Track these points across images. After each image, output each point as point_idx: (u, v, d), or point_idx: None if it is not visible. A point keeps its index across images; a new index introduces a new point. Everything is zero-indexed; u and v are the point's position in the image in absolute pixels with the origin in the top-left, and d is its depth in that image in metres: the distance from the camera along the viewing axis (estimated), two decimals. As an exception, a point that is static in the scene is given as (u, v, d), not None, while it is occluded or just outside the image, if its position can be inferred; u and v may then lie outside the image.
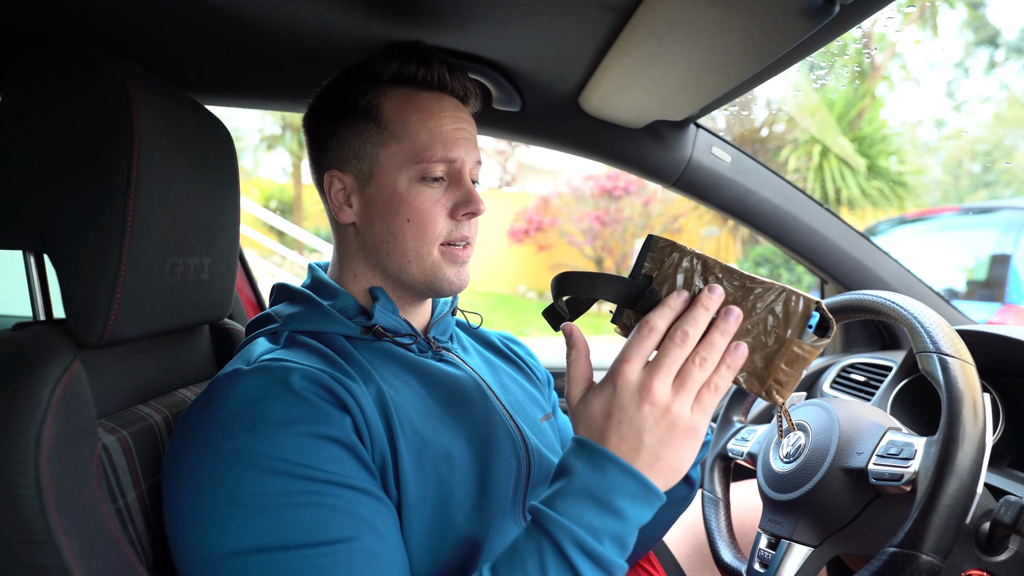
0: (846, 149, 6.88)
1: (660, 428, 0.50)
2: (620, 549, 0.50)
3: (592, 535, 0.49)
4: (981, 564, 0.67)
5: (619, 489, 0.49)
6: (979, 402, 0.62)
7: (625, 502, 0.49)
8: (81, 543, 0.48)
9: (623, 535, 0.50)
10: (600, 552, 0.49)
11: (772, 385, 0.53)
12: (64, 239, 0.56)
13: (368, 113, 0.68)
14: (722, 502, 0.91)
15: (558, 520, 0.49)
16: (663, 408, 0.50)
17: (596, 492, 0.50)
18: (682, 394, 0.51)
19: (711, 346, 0.52)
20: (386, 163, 0.68)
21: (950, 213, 4.19)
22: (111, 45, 0.79)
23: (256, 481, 0.51)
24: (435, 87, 0.70)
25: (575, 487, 0.50)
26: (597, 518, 0.49)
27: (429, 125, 0.67)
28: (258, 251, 6.51)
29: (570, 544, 0.49)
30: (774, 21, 0.63)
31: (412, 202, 0.67)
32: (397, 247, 0.68)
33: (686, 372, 0.51)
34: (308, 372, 0.57)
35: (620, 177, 7.81)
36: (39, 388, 0.48)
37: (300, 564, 0.49)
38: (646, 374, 0.51)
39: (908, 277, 1.25)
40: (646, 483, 0.50)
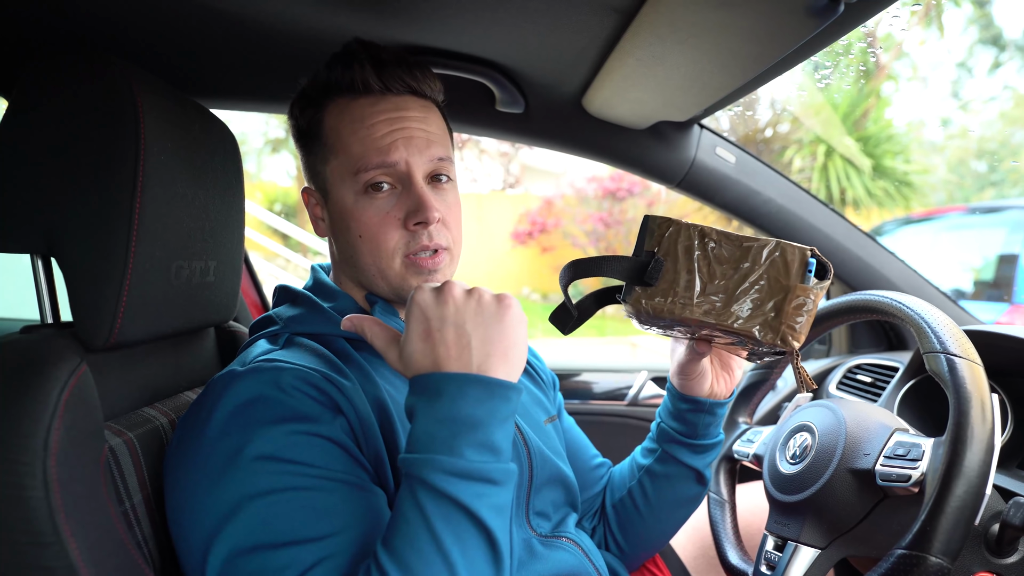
0: (851, 149, 6.84)
1: (476, 316, 0.51)
2: (490, 453, 0.49)
3: (449, 453, 0.48)
4: (990, 566, 0.67)
5: (459, 398, 0.49)
6: (987, 403, 0.61)
7: (471, 407, 0.48)
8: (88, 545, 0.49)
9: (484, 439, 0.49)
10: (465, 465, 0.47)
11: (786, 331, 0.56)
12: (71, 243, 0.56)
13: (313, 131, 0.68)
14: (728, 504, 0.91)
15: (414, 459, 0.49)
16: (462, 295, 0.52)
17: (439, 413, 0.49)
18: (474, 287, 0.52)
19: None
20: (332, 179, 0.68)
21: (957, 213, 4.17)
22: (117, 50, 0.79)
23: (246, 480, 0.51)
24: (366, 91, 0.66)
25: (420, 423, 0.50)
26: (449, 436, 0.48)
27: (360, 134, 0.65)
28: (263, 254, 6.53)
29: (433, 472, 0.47)
30: (778, 20, 0.63)
31: (359, 217, 0.66)
32: (359, 263, 0.68)
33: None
34: (301, 372, 0.57)
35: (624, 178, 7.79)
36: (47, 391, 0.48)
37: (287, 560, 0.49)
38: (436, 288, 0.53)
39: (915, 277, 1.25)
40: (486, 380, 0.49)
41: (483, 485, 0.48)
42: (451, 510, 0.47)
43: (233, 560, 0.50)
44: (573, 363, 1.54)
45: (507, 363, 0.51)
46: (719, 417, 0.82)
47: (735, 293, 0.57)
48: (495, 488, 0.49)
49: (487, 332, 0.51)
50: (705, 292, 0.57)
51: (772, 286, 0.55)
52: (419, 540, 0.46)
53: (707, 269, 0.57)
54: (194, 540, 0.52)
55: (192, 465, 0.54)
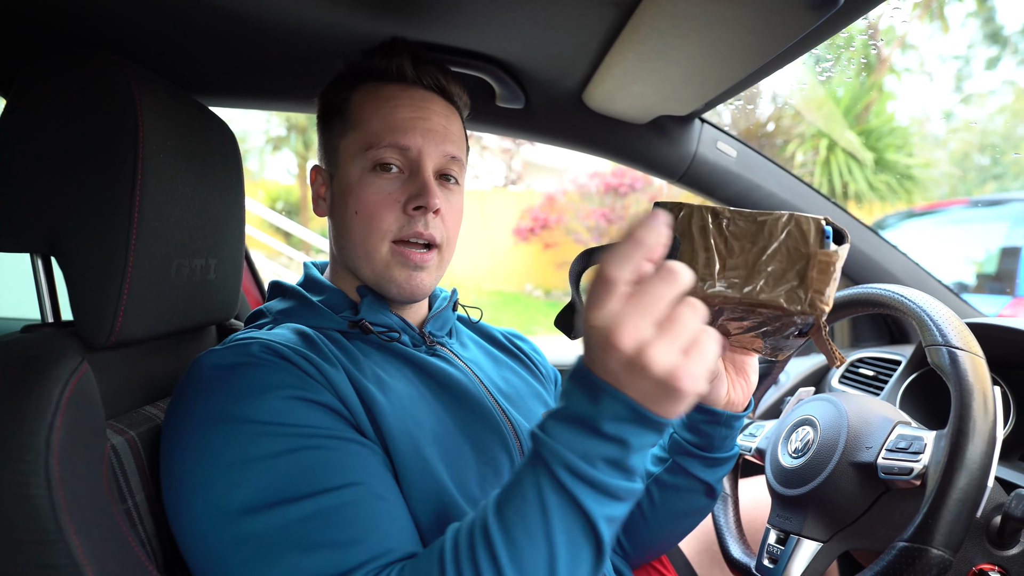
0: (853, 143, 6.82)
1: (641, 388, 0.43)
2: (621, 472, 0.46)
3: (585, 459, 0.46)
4: (992, 558, 0.67)
5: (610, 416, 0.45)
6: (989, 395, 0.61)
7: (616, 427, 0.45)
8: (92, 542, 0.49)
9: (621, 460, 0.46)
10: (595, 475, 0.45)
11: (813, 296, 0.55)
12: (71, 241, 0.56)
13: (339, 109, 0.70)
14: (731, 498, 0.91)
15: (547, 443, 0.47)
16: (637, 354, 0.41)
17: (587, 422, 0.46)
18: (666, 338, 0.42)
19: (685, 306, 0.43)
20: (344, 153, 0.68)
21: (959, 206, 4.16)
22: (116, 48, 0.79)
23: (249, 443, 0.52)
24: (398, 79, 0.69)
25: (568, 411, 0.47)
26: (590, 446, 0.46)
27: (383, 112, 0.67)
28: (265, 252, 6.54)
29: (564, 471, 0.46)
30: (779, 13, 0.63)
31: (360, 193, 0.66)
32: (348, 241, 0.68)
33: (676, 316, 0.43)
34: (281, 349, 0.58)
35: (626, 174, 7.78)
36: (48, 389, 0.48)
37: (308, 511, 0.49)
38: (611, 318, 0.42)
39: (917, 271, 1.24)
40: (635, 408, 0.44)
41: (607, 498, 0.46)
42: (569, 508, 0.46)
43: (252, 519, 0.49)
44: (575, 359, 1.54)
45: (659, 409, 0.45)
46: (735, 430, 0.78)
47: (756, 266, 0.56)
48: (616, 503, 0.47)
49: (646, 400, 0.44)
50: (725, 268, 0.57)
51: (792, 255, 0.55)
52: (530, 520, 0.46)
53: (724, 246, 0.57)
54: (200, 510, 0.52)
55: (188, 440, 0.54)
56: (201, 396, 0.55)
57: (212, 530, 0.51)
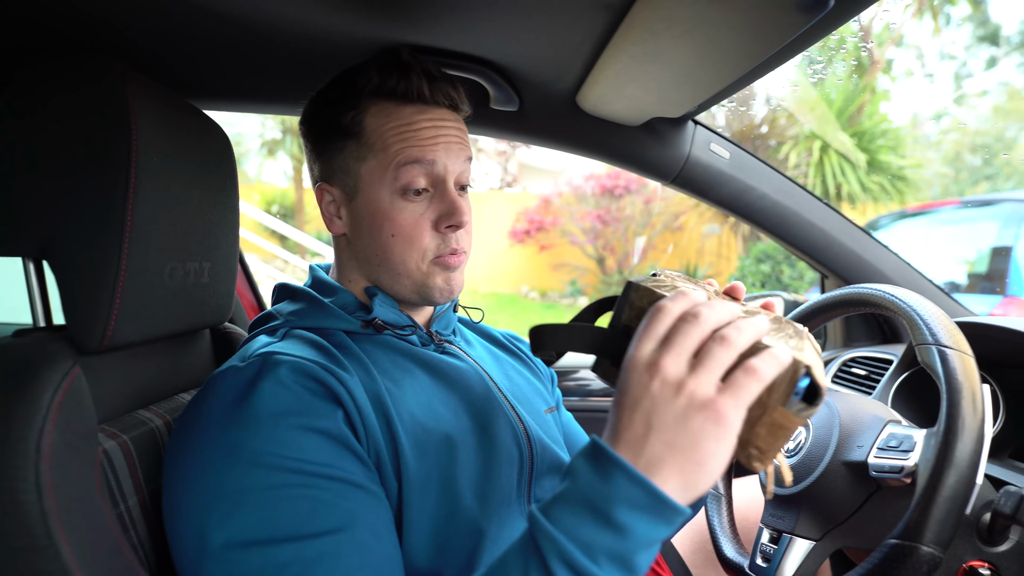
0: (846, 144, 6.86)
1: (672, 408, 0.42)
2: (623, 570, 0.42)
3: (585, 552, 0.42)
4: (982, 555, 0.67)
5: (622, 499, 0.42)
6: (978, 393, 0.62)
7: (628, 514, 0.42)
8: (83, 548, 0.48)
9: (625, 554, 0.42)
10: (594, 573, 0.41)
11: (752, 452, 0.46)
12: (63, 245, 0.56)
13: (350, 129, 0.69)
14: (724, 498, 0.91)
15: (548, 531, 0.43)
16: (675, 384, 0.42)
17: (596, 501, 0.42)
18: (700, 370, 0.43)
19: (736, 327, 0.44)
20: (367, 177, 0.68)
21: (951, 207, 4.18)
22: (110, 51, 0.79)
23: (245, 475, 0.51)
24: (416, 100, 0.69)
25: (574, 493, 0.44)
26: (593, 532, 0.42)
27: (406, 135, 0.67)
28: (261, 256, 6.52)
29: (556, 560, 0.42)
30: (770, 16, 0.63)
31: (395, 218, 0.67)
32: (386, 261, 0.69)
33: (705, 349, 0.43)
34: (299, 364, 0.58)
35: (621, 176, 7.80)
36: (39, 394, 0.48)
37: (288, 556, 0.49)
38: (656, 351, 0.44)
39: (908, 271, 1.25)
40: (655, 493, 0.41)
41: None
42: None
43: (231, 555, 0.50)
44: (571, 361, 1.54)
45: (681, 477, 0.42)
46: None
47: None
48: None
49: (673, 435, 0.42)
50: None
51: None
52: None
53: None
54: (190, 536, 0.52)
55: (190, 460, 0.54)
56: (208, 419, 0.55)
57: (194, 556, 0.51)
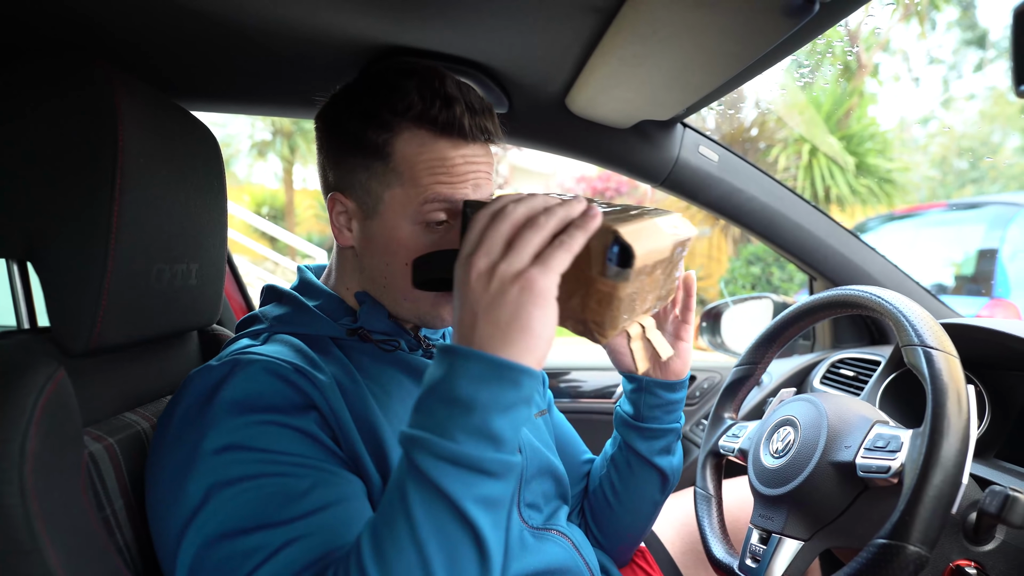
0: (834, 147, 6.93)
1: (489, 292, 0.46)
2: (486, 441, 0.44)
3: (441, 434, 0.44)
4: (969, 554, 0.68)
5: (461, 375, 0.44)
6: (963, 394, 0.62)
7: (470, 386, 0.44)
8: (68, 552, 0.48)
9: (481, 424, 0.44)
10: (453, 449, 0.43)
11: (591, 326, 0.50)
12: (48, 246, 0.55)
13: (379, 150, 0.65)
14: (714, 498, 0.91)
15: (408, 434, 0.45)
16: (487, 270, 0.47)
17: (441, 390, 0.45)
18: (511, 254, 0.47)
19: (548, 213, 0.48)
20: (390, 203, 0.65)
21: (938, 209, 4.23)
22: (97, 52, 0.79)
23: (218, 471, 0.51)
24: (455, 134, 0.64)
25: (424, 395, 0.47)
26: (444, 415, 0.44)
27: (439, 173, 0.64)
28: (250, 257, 6.48)
29: (420, 453, 0.44)
30: (756, 20, 0.64)
31: (412, 247, 0.65)
32: (394, 285, 0.67)
33: (518, 236, 0.48)
34: (271, 364, 0.58)
35: (612, 178, 7.83)
36: (23, 397, 0.47)
37: (255, 543, 0.49)
38: (470, 252, 0.48)
39: (896, 273, 1.26)
40: (488, 358, 0.45)
41: (473, 474, 0.44)
42: (433, 498, 0.43)
43: (203, 550, 0.49)
44: (562, 362, 1.54)
45: (513, 347, 0.45)
46: (665, 401, 0.80)
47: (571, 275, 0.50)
48: (487, 479, 0.44)
49: (496, 313, 0.46)
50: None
51: (575, 275, 0.49)
52: (397, 526, 0.43)
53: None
54: (168, 534, 0.52)
55: (165, 460, 0.54)
56: (183, 418, 0.55)
57: (177, 553, 0.51)
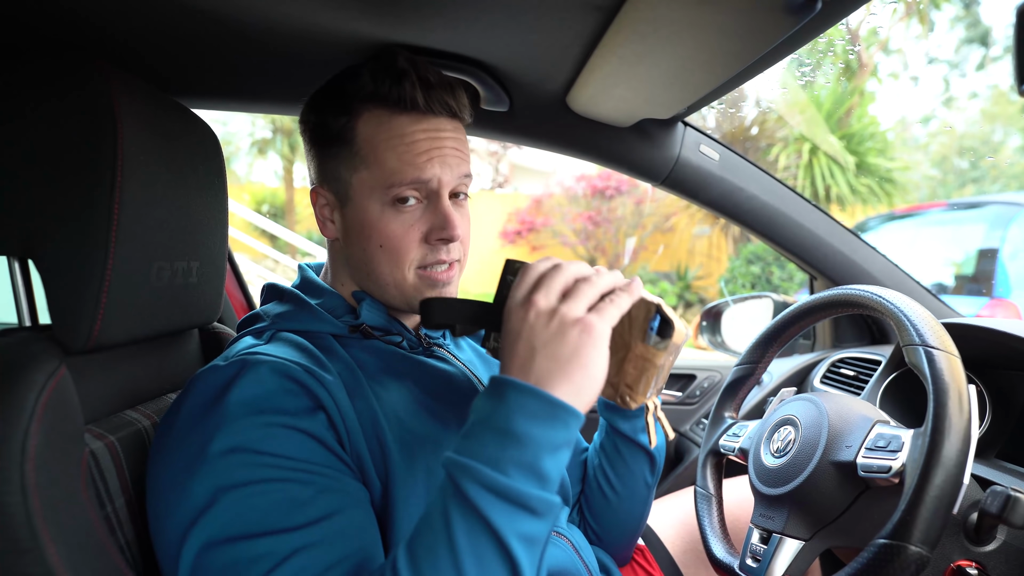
0: (835, 147, 6.92)
1: (549, 329, 0.49)
2: (534, 478, 0.45)
3: (493, 466, 0.45)
4: (970, 554, 0.68)
5: (517, 410, 0.46)
6: (964, 394, 0.62)
7: (526, 422, 0.45)
8: (69, 550, 0.48)
9: (532, 461, 0.45)
10: (505, 483, 0.44)
11: (624, 390, 0.54)
12: (49, 244, 0.55)
13: (342, 136, 0.67)
14: (715, 498, 0.91)
15: (457, 460, 0.46)
16: (548, 311, 0.50)
17: (495, 421, 0.46)
18: (570, 300, 0.50)
19: (597, 273, 0.52)
20: (359, 188, 0.67)
21: (938, 209, 4.23)
22: (96, 50, 0.78)
23: (223, 473, 0.51)
24: (411, 109, 0.66)
25: (476, 423, 0.48)
26: (498, 448, 0.45)
27: (400, 151, 0.65)
28: (251, 255, 6.48)
29: (470, 482, 0.44)
30: (757, 18, 0.64)
31: (383, 229, 0.66)
32: (374, 271, 0.68)
33: (575, 287, 0.51)
34: (280, 365, 0.57)
35: (612, 177, 7.82)
36: (24, 394, 0.47)
37: (262, 550, 0.49)
38: (528, 293, 0.51)
39: (896, 272, 1.26)
40: (546, 397, 0.46)
41: (518, 510, 0.44)
42: (478, 528, 0.44)
43: (206, 552, 0.49)
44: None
45: (569, 384, 0.48)
46: None
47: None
48: (530, 517, 0.45)
49: (554, 350, 0.48)
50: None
51: (615, 340, 0.53)
52: (438, 549, 0.44)
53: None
54: (169, 534, 0.52)
55: (169, 458, 0.54)
56: (189, 418, 0.55)
57: (177, 555, 0.51)
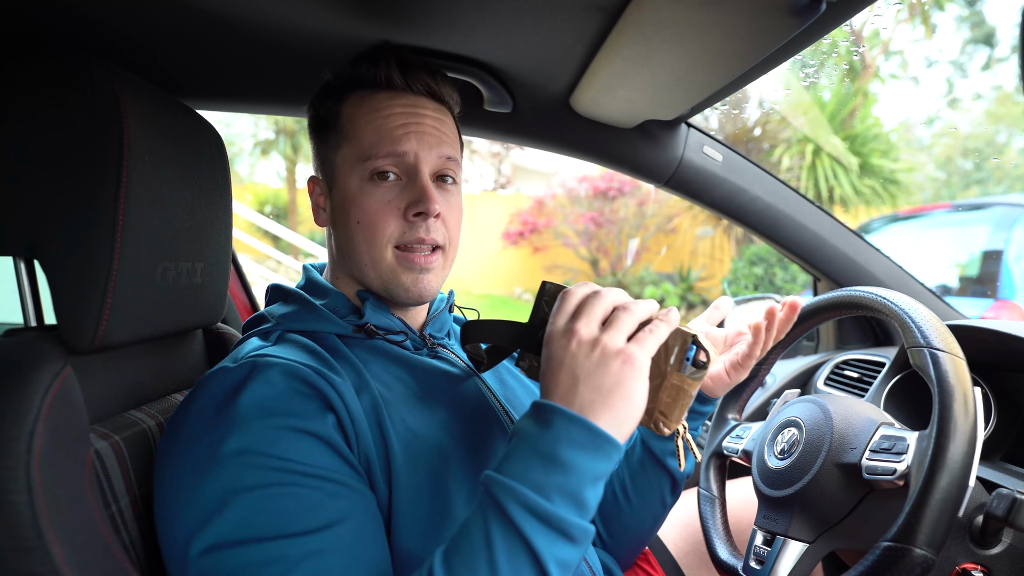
0: (838, 148, 6.90)
1: (591, 359, 0.50)
2: (575, 507, 0.47)
3: (538, 491, 0.46)
4: (975, 557, 0.68)
5: (564, 438, 0.47)
6: (970, 396, 0.62)
7: (572, 451, 0.47)
8: (74, 549, 0.48)
9: (574, 489, 0.46)
10: (548, 509, 0.45)
11: (658, 417, 0.55)
12: (54, 245, 0.56)
13: (329, 121, 0.70)
14: (718, 500, 0.91)
15: (502, 481, 0.47)
16: (591, 341, 0.51)
17: (541, 446, 0.47)
18: (611, 330, 0.51)
19: (635, 302, 0.53)
20: (341, 166, 0.68)
21: (942, 210, 4.21)
22: (101, 51, 0.79)
23: (233, 475, 0.51)
24: (387, 87, 0.68)
25: (521, 445, 0.49)
26: (543, 473, 0.46)
27: (376, 124, 0.67)
28: (253, 256, 6.49)
29: (514, 504, 0.45)
30: (761, 20, 0.64)
31: (361, 203, 0.67)
32: (353, 251, 0.68)
33: (614, 316, 0.52)
34: (291, 367, 0.57)
35: (614, 178, 7.81)
36: (30, 394, 0.48)
37: (272, 554, 0.49)
38: (569, 321, 0.52)
39: (900, 274, 1.26)
40: (592, 427, 0.47)
41: (558, 536, 0.46)
42: (518, 548, 0.45)
43: (215, 554, 0.49)
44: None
45: (612, 414, 0.49)
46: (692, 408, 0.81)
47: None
48: (568, 543, 0.46)
49: (597, 380, 0.49)
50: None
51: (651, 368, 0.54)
52: (477, 565, 0.45)
53: None
54: (177, 535, 0.52)
55: (178, 460, 0.54)
56: (198, 420, 0.55)
57: (183, 556, 0.51)
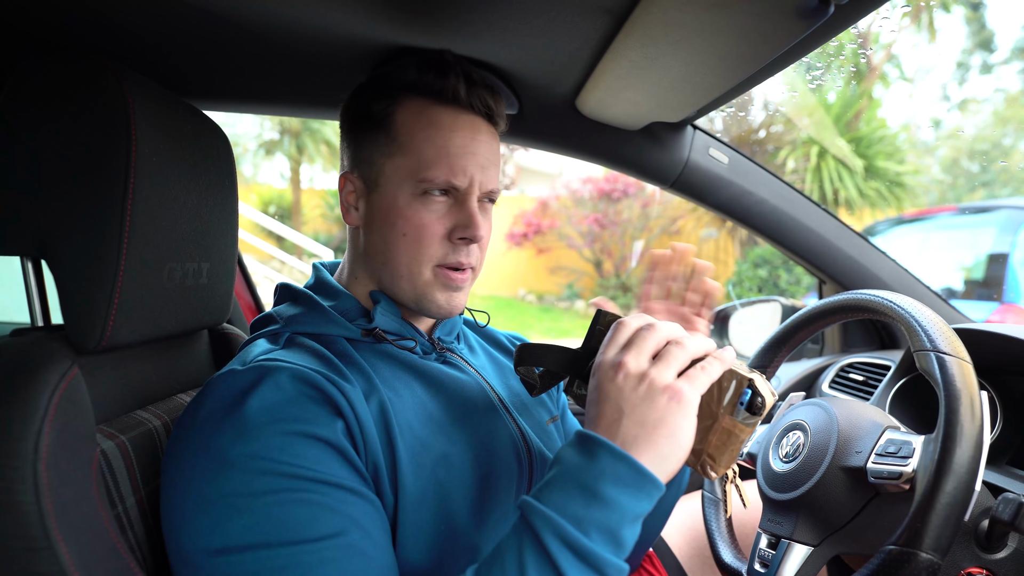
0: (843, 150, 6.89)
1: (638, 393, 0.49)
2: (612, 545, 0.46)
3: (576, 526, 0.46)
4: (980, 562, 0.67)
5: (607, 474, 0.47)
6: (976, 400, 0.62)
7: (615, 489, 0.46)
8: (80, 549, 0.48)
9: (614, 527, 0.46)
10: (586, 545, 0.45)
11: (706, 460, 0.54)
12: (62, 245, 0.56)
13: (380, 121, 0.67)
14: (722, 503, 0.91)
15: (540, 510, 0.47)
16: (638, 375, 0.50)
17: (583, 479, 0.47)
18: (660, 364, 0.51)
19: (689, 337, 0.53)
20: (390, 174, 0.67)
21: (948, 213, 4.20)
22: (110, 52, 0.79)
23: (242, 480, 0.51)
24: (451, 102, 0.67)
25: (562, 475, 0.48)
26: (583, 507, 0.46)
27: (437, 143, 0.65)
28: (257, 256, 6.52)
29: (551, 536, 0.45)
30: (769, 22, 0.64)
31: (410, 217, 0.66)
32: (391, 260, 0.68)
33: (665, 350, 0.52)
34: (300, 372, 0.57)
35: (619, 179, 7.81)
36: (37, 394, 0.48)
37: (285, 561, 0.49)
38: (619, 353, 0.52)
39: (906, 276, 1.25)
40: (637, 467, 0.47)
41: (592, 573, 0.46)
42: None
43: (224, 558, 0.49)
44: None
45: (655, 451, 0.48)
46: None
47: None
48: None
49: (643, 415, 0.49)
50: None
51: (702, 408, 0.53)
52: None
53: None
54: (185, 538, 0.52)
55: (185, 463, 0.54)
56: (207, 423, 0.55)
57: (190, 560, 0.51)
